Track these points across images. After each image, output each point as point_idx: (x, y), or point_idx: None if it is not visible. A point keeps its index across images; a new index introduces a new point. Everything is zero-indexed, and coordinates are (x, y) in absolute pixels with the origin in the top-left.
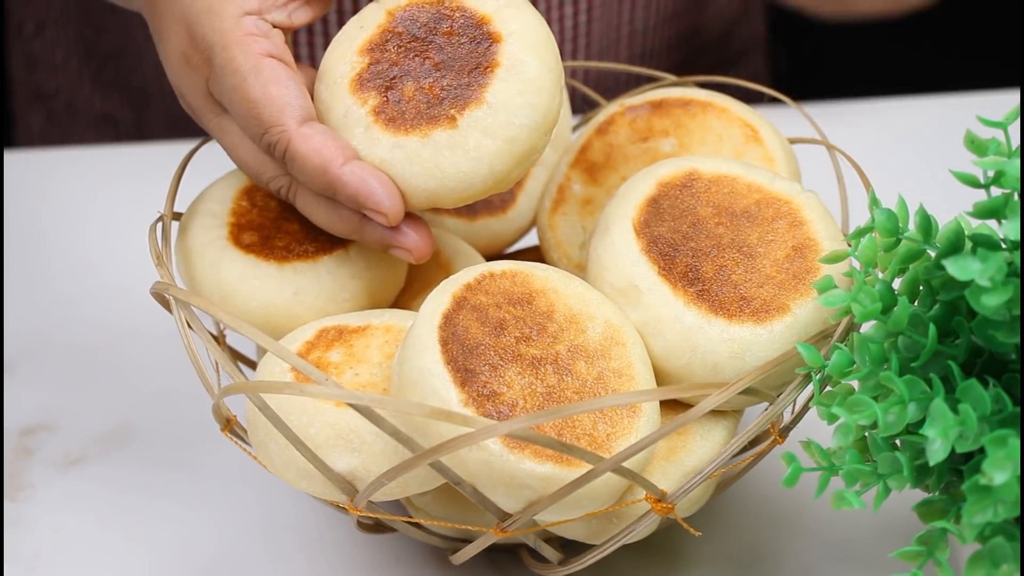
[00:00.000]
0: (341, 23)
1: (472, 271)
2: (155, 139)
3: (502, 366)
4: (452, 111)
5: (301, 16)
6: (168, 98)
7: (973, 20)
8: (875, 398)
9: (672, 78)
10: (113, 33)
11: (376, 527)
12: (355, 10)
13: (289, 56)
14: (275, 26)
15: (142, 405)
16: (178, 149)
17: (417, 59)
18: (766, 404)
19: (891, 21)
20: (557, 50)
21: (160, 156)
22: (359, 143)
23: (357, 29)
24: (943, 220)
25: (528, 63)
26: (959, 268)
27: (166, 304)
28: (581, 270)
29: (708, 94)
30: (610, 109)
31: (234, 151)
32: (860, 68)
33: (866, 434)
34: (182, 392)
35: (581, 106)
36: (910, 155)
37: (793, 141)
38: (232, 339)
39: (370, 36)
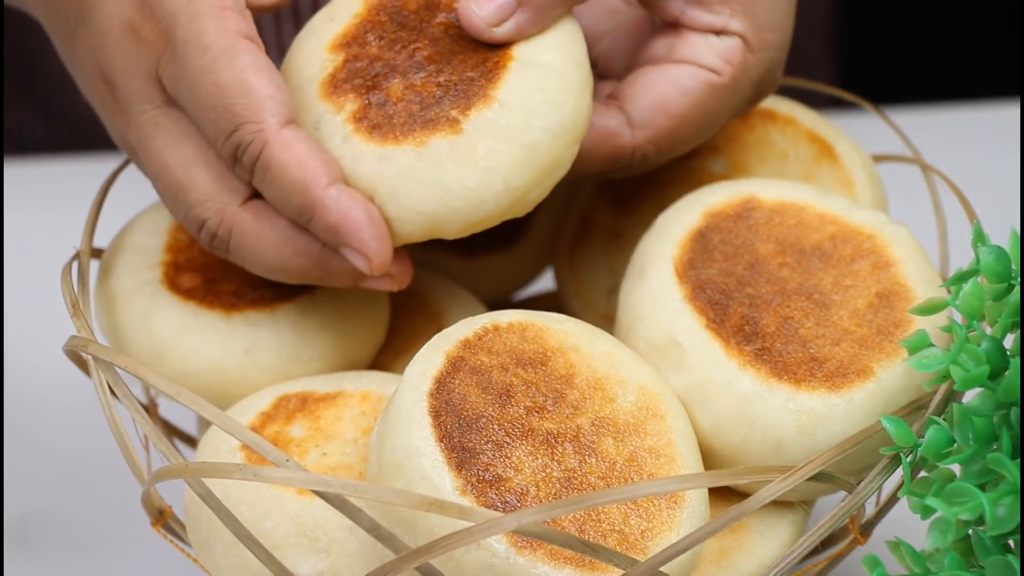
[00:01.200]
0: (316, 9)
1: (471, 324)
2: (69, 154)
3: (509, 444)
4: (454, 112)
5: None
6: (81, 105)
7: None
8: (981, 486)
9: None
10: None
11: None
12: None
13: (262, 45)
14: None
15: (52, 491)
16: (98, 168)
17: (404, 52)
18: (843, 494)
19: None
20: (585, 44)
21: (75, 177)
22: (337, 159)
23: (327, 22)
24: None
25: (550, 55)
26: None
27: (83, 364)
28: (609, 322)
29: (770, 100)
30: None
31: (163, 155)
32: (937, 67)
33: (970, 532)
34: (103, 475)
35: None
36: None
37: (878, 159)
38: (167, 409)
39: (344, 29)
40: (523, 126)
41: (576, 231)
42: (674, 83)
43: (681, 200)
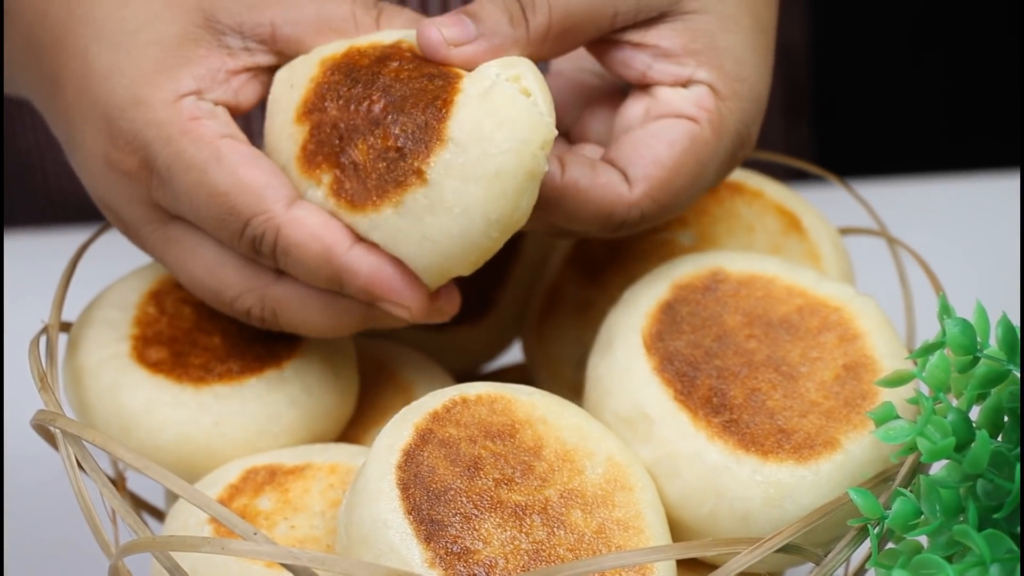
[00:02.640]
0: None
1: (439, 396)
2: (38, 227)
3: (477, 516)
4: (416, 163)
5: (250, 93)
6: (51, 178)
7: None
8: (948, 558)
9: None
10: None
11: None
12: None
13: (244, 136)
14: (219, 105)
15: (19, 565)
16: (67, 241)
17: (361, 109)
18: (811, 565)
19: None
20: (541, 77)
21: (44, 250)
22: None
23: (288, 89)
24: None
25: (500, 83)
26: None
27: (51, 438)
28: (577, 394)
29: (738, 172)
30: None
31: (187, 265)
32: (898, 144)
33: None
34: (70, 549)
35: None
36: (989, 250)
37: (844, 232)
38: (135, 482)
39: (304, 96)
40: (482, 157)
41: (545, 303)
42: (659, 136)
43: (649, 273)
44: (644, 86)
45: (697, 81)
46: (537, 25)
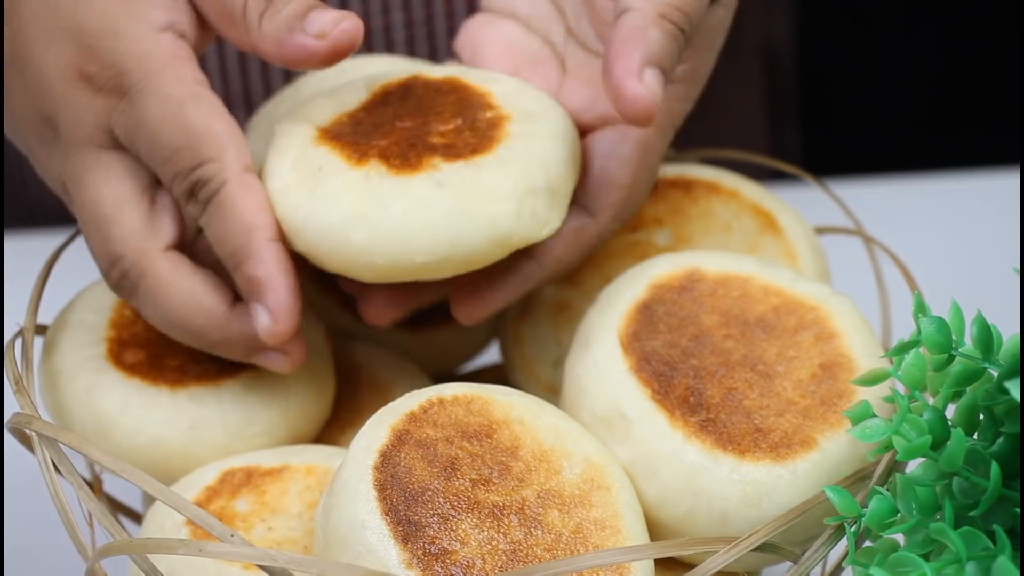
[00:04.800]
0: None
1: (416, 397)
2: (13, 230)
3: (454, 517)
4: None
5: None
6: (28, 184)
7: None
8: (925, 556)
9: (669, 152)
10: None
11: None
12: None
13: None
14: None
15: None
16: (42, 244)
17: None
18: (789, 564)
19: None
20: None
21: (20, 253)
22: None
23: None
24: (1007, 331)
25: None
26: None
27: (27, 441)
28: (555, 395)
29: (714, 172)
30: None
31: (97, 189)
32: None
33: None
34: (47, 552)
35: None
36: (964, 249)
37: (820, 231)
38: (111, 485)
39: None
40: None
41: (521, 304)
42: (609, 154)
43: (626, 273)
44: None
45: None
46: None
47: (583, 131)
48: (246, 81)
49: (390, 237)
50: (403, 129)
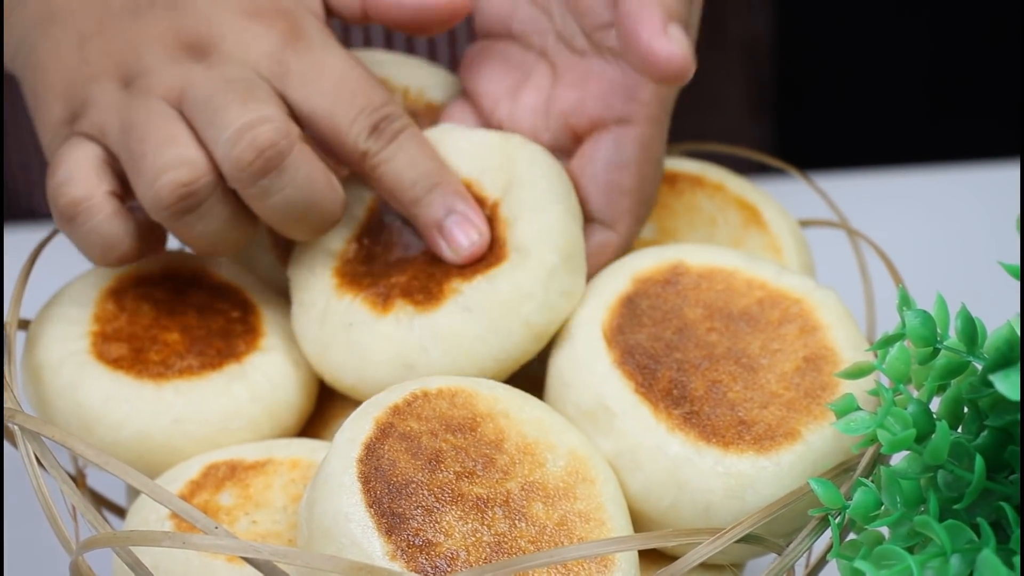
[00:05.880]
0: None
1: (400, 390)
2: None
3: (439, 509)
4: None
5: None
6: (12, 177)
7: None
8: (909, 549)
9: None
10: None
11: None
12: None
13: None
14: None
15: None
16: (25, 238)
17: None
18: (773, 556)
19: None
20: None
21: (2, 247)
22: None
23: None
24: (992, 324)
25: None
26: (1011, 385)
27: (10, 436)
28: (539, 388)
29: (698, 166)
30: None
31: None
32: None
33: None
34: (31, 546)
35: None
36: (949, 242)
37: (805, 225)
38: (95, 479)
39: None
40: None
41: None
42: (609, 164)
43: (610, 266)
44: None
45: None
46: None
47: (577, 138)
48: None
49: (440, 375)
50: (415, 258)
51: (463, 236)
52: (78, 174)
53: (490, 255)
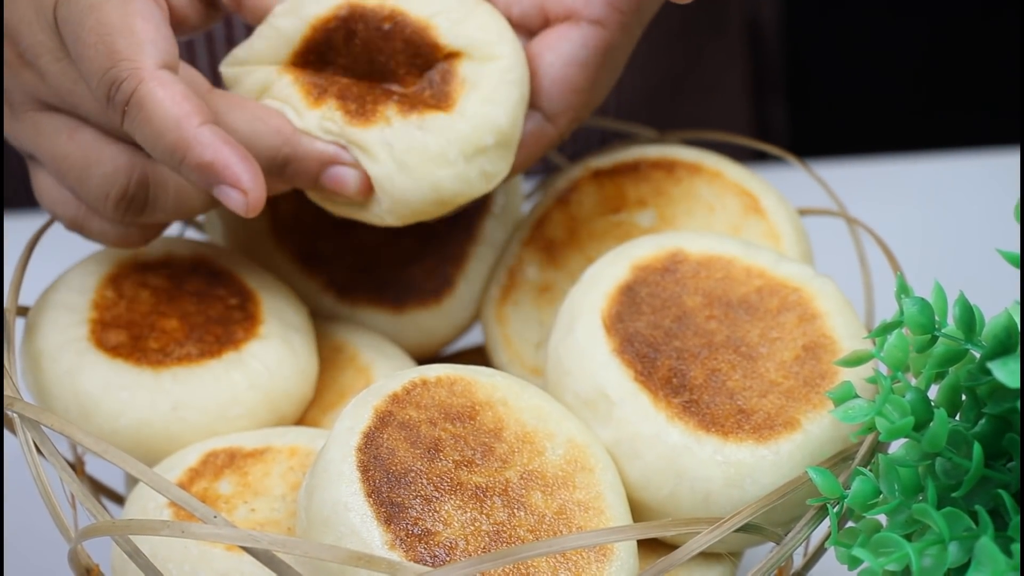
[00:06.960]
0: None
1: (399, 378)
2: None
3: (437, 498)
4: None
5: None
6: (10, 165)
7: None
8: (907, 536)
9: (651, 133)
10: None
11: None
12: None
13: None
14: None
15: None
16: (23, 226)
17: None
18: (772, 545)
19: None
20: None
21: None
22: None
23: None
24: (989, 312)
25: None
26: (1009, 373)
27: (10, 423)
28: (538, 376)
29: (697, 153)
30: (573, 173)
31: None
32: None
33: None
34: (30, 534)
35: (537, 169)
36: (946, 230)
37: (804, 213)
38: (94, 466)
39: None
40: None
41: (504, 285)
42: (571, 59)
43: (609, 253)
44: None
45: None
46: None
47: (545, 22)
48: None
49: None
50: (364, 69)
51: (233, 200)
52: (53, 199)
53: (441, 102)
